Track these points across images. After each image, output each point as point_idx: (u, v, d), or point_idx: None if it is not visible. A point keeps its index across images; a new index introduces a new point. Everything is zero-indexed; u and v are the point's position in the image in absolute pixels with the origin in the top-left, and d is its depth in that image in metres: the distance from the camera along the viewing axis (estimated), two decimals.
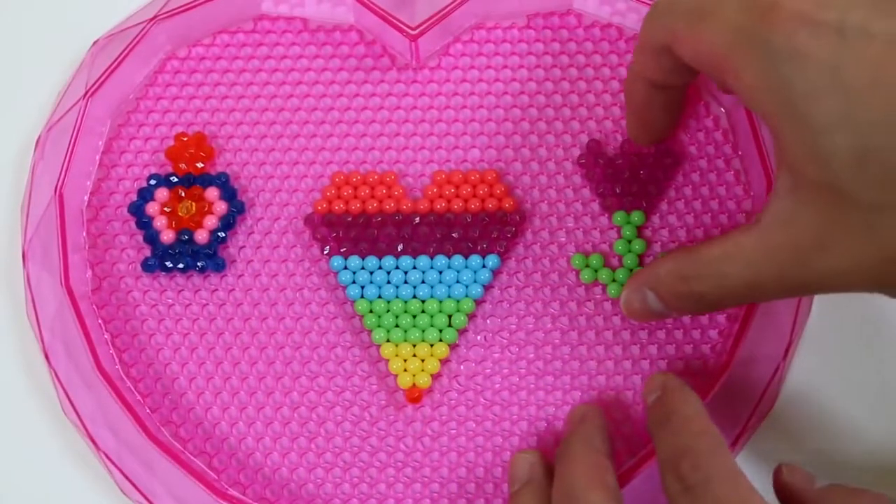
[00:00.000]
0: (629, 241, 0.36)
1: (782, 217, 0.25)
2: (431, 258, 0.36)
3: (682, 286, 0.29)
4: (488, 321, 0.36)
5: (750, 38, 0.24)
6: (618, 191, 0.36)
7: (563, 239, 0.36)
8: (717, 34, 0.25)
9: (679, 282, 0.29)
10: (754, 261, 0.26)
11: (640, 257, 0.36)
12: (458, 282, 0.36)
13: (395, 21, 0.36)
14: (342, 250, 0.36)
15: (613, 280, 0.35)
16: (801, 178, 0.24)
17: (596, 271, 0.36)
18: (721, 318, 0.35)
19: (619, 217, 0.36)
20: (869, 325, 0.36)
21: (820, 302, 0.36)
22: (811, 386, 0.36)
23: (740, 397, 0.35)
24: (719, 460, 0.27)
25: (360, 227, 0.36)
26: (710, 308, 0.30)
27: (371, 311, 0.36)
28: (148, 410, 0.35)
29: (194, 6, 0.37)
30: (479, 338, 0.36)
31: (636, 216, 0.36)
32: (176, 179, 0.37)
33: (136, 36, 0.37)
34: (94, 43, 0.38)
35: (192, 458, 0.35)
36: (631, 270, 0.35)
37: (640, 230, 0.36)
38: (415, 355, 0.35)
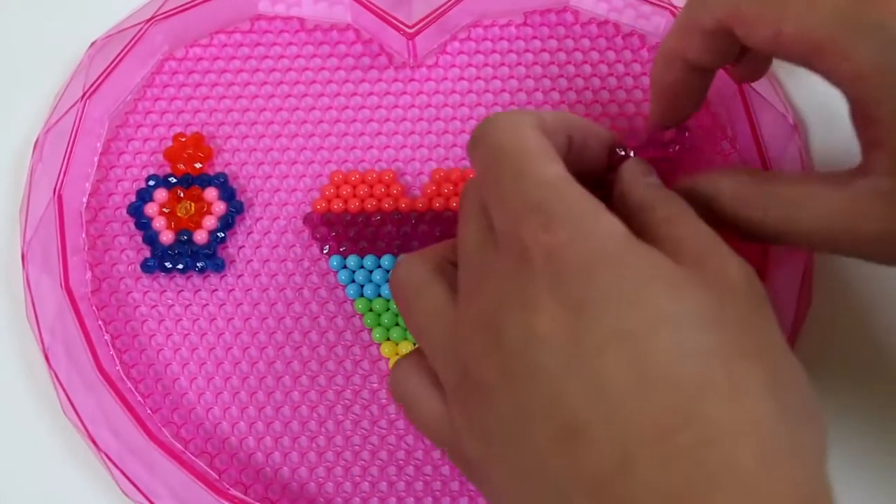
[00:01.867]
0: None
1: (879, 191, 0.25)
2: None
3: (744, 209, 0.27)
4: None
5: (859, 22, 0.24)
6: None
7: None
8: (815, 17, 0.25)
9: (742, 204, 0.27)
10: (837, 217, 0.25)
11: None
12: None
13: (392, 20, 0.36)
14: (341, 249, 0.36)
15: None
16: None
17: None
18: None
19: None
20: (867, 323, 0.36)
21: (819, 298, 0.36)
22: (811, 382, 0.36)
23: None
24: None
25: (359, 226, 0.36)
26: (766, 241, 0.28)
27: (371, 310, 0.36)
28: (149, 411, 0.35)
29: (191, 7, 0.37)
30: None
31: None
32: (174, 180, 0.37)
33: (134, 37, 0.37)
34: (92, 44, 0.38)
35: (193, 458, 0.35)
36: None
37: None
38: None
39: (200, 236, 0.36)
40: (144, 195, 0.37)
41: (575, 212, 0.23)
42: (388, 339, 0.36)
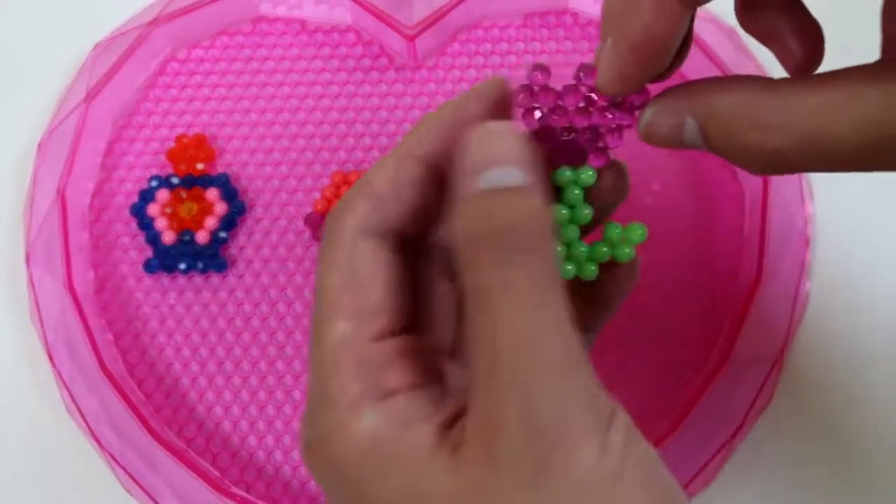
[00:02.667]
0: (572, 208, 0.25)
1: None
2: None
3: (752, 135, 0.21)
4: None
5: None
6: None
7: None
8: None
9: (750, 129, 0.21)
10: (882, 121, 0.19)
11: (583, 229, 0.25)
12: None
13: (392, 21, 0.37)
14: None
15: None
16: None
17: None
18: (717, 315, 0.36)
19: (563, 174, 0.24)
20: (866, 320, 0.37)
21: (815, 298, 0.36)
22: (809, 382, 0.36)
23: (737, 394, 0.35)
24: None
25: None
26: (780, 170, 0.22)
27: None
28: (151, 410, 0.36)
29: (194, 9, 0.37)
30: None
31: (585, 174, 0.24)
32: (177, 181, 0.37)
33: (137, 39, 0.37)
34: (95, 46, 0.38)
35: (195, 456, 0.35)
36: (569, 246, 0.25)
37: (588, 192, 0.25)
38: None
39: (202, 236, 0.37)
40: (147, 196, 0.37)
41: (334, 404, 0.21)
42: None
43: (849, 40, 0.25)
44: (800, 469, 0.35)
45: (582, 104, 0.23)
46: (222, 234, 0.37)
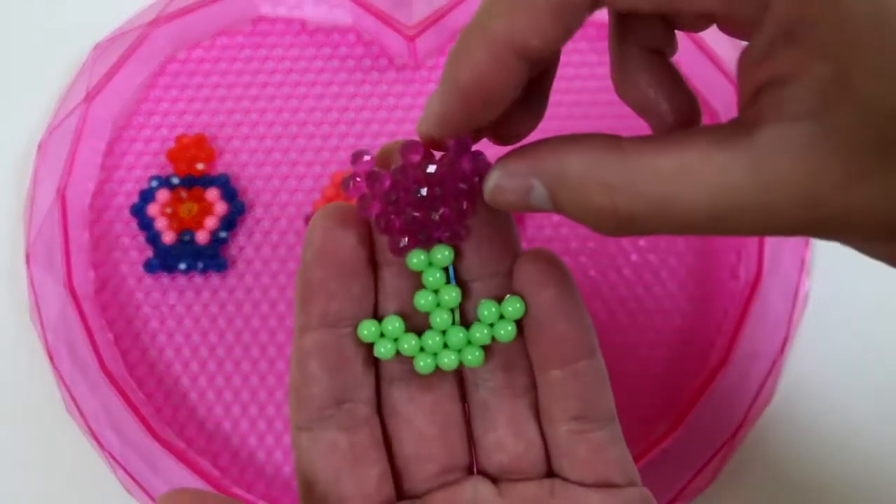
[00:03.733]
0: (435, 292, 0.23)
1: (791, 144, 0.18)
2: None
3: (602, 198, 0.20)
4: None
5: None
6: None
7: (564, 231, 0.37)
8: None
9: (600, 191, 0.20)
10: (736, 187, 0.19)
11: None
12: None
13: (392, 22, 0.37)
14: None
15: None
16: (843, 98, 0.17)
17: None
18: (717, 314, 0.36)
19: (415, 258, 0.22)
20: (865, 319, 0.37)
21: (816, 296, 0.36)
22: (809, 381, 0.36)
23: (738, 393, 0.35)
24: None
25: None
26: (632, 233, 0.20)
27: None
28: (152, 410, 0.36)
29: (194, 9, 0.37)
30: None
31: (440, 254, 0.22)
32: (177, 181, 0.37)
33: (137, 39, 0.37)
34: (95, 46, 0.38)
35: (196, 456, 0.35)
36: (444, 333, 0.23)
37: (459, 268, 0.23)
38: None
39: (202, 236, 0.37)
40: (147, 196, 0.37)
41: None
42: None
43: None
44: (800, 469, 0.35)
45: (422, 187, 0.21)
46: (222, 234, 0.37)
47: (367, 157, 0.22)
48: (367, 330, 0.22)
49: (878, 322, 0.36)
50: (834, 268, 0.37)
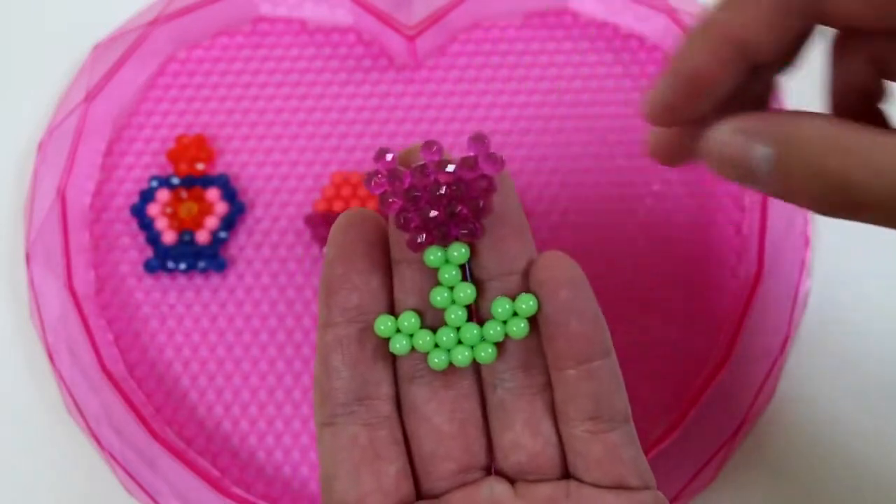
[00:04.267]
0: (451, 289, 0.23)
1: None
2: None
3: (836, 161, 0.19)
4: None
5: None
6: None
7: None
8: None
9: (835, 154, 0.19)
10: None
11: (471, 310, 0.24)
12: None
13: (392, 22, 0.37)
14: None
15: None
16: None
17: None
18: (717, 314, 0.36)
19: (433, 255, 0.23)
20: (865, 319, 0.37)
21: (816, 296, 0.36)
22: (809, 381, 0.36)
23: (737, 394, 0.35)
24: None
25: None
26: (852, 212, 0.20)
27: None
28: (152, 410, 0.36)
29: (194, 9, 0.37)
30: None
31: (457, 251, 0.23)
32: (177, 181, 0.37)
33: (137, 39, 0.37)
34: (95, 46, 0.38)
35: (196, 456, 0.35)
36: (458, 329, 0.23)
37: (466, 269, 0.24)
38: None
39: (202, 236, 0.37)
40: (147, 196, 0.37)
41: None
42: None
43: None
44: (800, 468, 0.35)
45: (442, 186, 0.22)
46: (222, 234, 0.37)
47: (389, 156, 0.22)
48: (384, 325, 0.23)
49: (878, 322, 0.36)
50: (834, 268, 0.37)
